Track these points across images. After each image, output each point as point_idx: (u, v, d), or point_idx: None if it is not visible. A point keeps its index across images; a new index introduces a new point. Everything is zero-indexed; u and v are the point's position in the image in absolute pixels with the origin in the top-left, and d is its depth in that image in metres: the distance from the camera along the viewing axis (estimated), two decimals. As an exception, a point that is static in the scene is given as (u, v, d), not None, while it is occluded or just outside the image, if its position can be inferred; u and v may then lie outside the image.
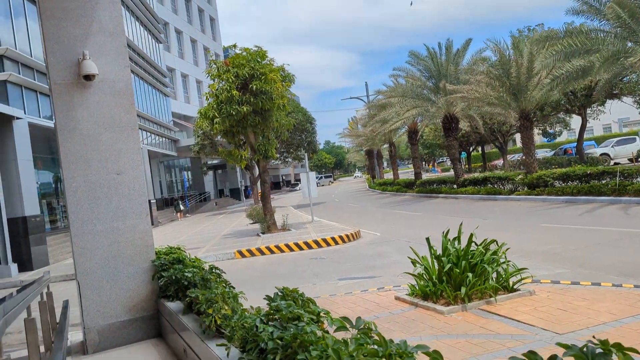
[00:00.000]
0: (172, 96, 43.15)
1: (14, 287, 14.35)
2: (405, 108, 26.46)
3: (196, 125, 20.71)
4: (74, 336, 7.28)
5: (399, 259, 11.29)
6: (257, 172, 41.13)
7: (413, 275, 7.15)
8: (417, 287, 6.98)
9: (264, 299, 3.68)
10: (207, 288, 4.85)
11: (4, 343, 7.55)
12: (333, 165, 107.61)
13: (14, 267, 15.51)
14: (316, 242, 14.79)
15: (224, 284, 5.08)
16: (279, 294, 3.66)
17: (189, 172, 52.26)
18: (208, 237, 19.95)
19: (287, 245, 14.67)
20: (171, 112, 40.77)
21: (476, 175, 26.36)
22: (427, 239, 7.24)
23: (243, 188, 53.01)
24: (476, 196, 23.69)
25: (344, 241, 15.00)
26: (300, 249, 14.60)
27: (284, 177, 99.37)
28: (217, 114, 16.40)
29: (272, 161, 42.94)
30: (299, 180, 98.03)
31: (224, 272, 5.54)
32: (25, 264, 15.83)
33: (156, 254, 6.98)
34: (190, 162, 50.33)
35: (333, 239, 14.93)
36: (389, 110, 28.87)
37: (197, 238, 20.21)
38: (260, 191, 40.79)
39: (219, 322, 4.27)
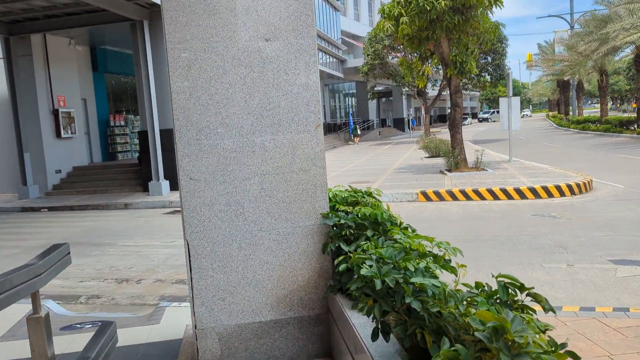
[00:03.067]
0: (342, 11, 39.69)
1: (162, 207, 12.63)
2: (647, 19, 19.79)
3: (375, 30, 17.02)
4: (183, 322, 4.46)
5: None
6: (428, 100, 36.42)
7: None
8: None
9: None
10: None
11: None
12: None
13: (165, 184, 13.86)
14: (532, 189, 10.61)
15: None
16: None
17: (353, 99, 49.50)
18: (377, 169, 16.72)
19: (490, 191, 10.74)
20: (340, 29, 37.49)
21: None
22: None
23: (409, 118, 49.04)
24: None
25: (572, 192, 10.61)
26: (509, 197, 10.58)
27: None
28: (404, 12, 12.49)
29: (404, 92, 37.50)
30: (479, 111, 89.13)
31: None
32: (177, 182, 14.12)
33: (330, 199, 3.69)
34: (355, 88, 47.26)
35: (558, 187, 10.61)
36: (614, 25, 22.20)
37: (365, 169, 17.11)
38: (426, 123, 36.47)
39: None
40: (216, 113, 3.34)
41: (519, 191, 10.60)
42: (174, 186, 14.07)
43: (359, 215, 3.29)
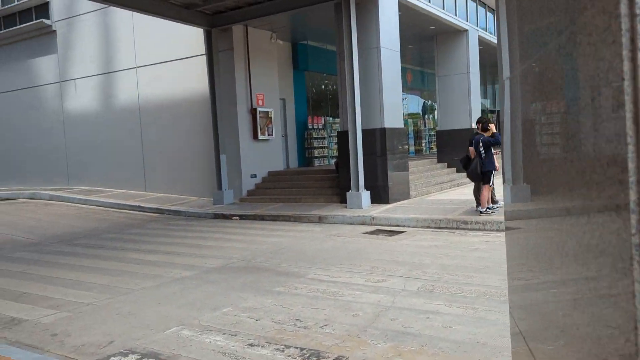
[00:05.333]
0: None
1: (361, 224, 10.24)
2: None
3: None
4: None
5: None
6: None
7: None
8: None
9: None
10: None
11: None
12: None
13: (365, 195, 11.44)
14: None
15: None
16: None
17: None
18: None
19: None
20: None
21: None
22: None
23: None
24: None
25: None
26: None
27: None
28: None
29: None
30: None
31: None
32: (379, 194, 11.64)
33: None
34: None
35: None
36: None
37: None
38: None
39: None
40: None
41: None
42: (377, 198, 11.61)
43: None
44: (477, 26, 17.57)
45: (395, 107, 12.07)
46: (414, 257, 7.01)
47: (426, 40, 17.59)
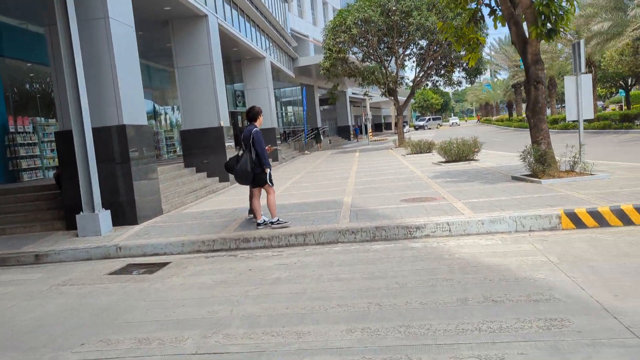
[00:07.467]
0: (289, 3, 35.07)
1: (104, 258, 7.36)
2: None
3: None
4: None
5: None
6: (399, 101, 30.94)
7: None
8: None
9: None
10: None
11: None
12: (440, 107, 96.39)
13: (104, 216, 8.44)
14: None
15: None
16: None
17: (293, 107, 44.99)
18: (402, 178, 12.20)
19: (671, 206, 6.53)
20: (289, 24, 32.87)
21: None
22: None
23: (358, 126, 45.45)
24: None
25: None
26: None
27: (384, 119, 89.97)
28: None
29: (369, 96, 33.49)
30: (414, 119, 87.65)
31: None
32: (124, 212, 8.79)
33: None
34: (303, 92, 42.67)
35: None
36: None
37: (386, 179, 12.51)
38: (399, 125, 31.17)
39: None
40: None
41: None
42: (120, 219, 8.75)
43: None
44: (216, 13, 15.82)
45: (136, 98, 9.36)
46: (201, 308, 4.72)
47: (159, 27, 15.07)
